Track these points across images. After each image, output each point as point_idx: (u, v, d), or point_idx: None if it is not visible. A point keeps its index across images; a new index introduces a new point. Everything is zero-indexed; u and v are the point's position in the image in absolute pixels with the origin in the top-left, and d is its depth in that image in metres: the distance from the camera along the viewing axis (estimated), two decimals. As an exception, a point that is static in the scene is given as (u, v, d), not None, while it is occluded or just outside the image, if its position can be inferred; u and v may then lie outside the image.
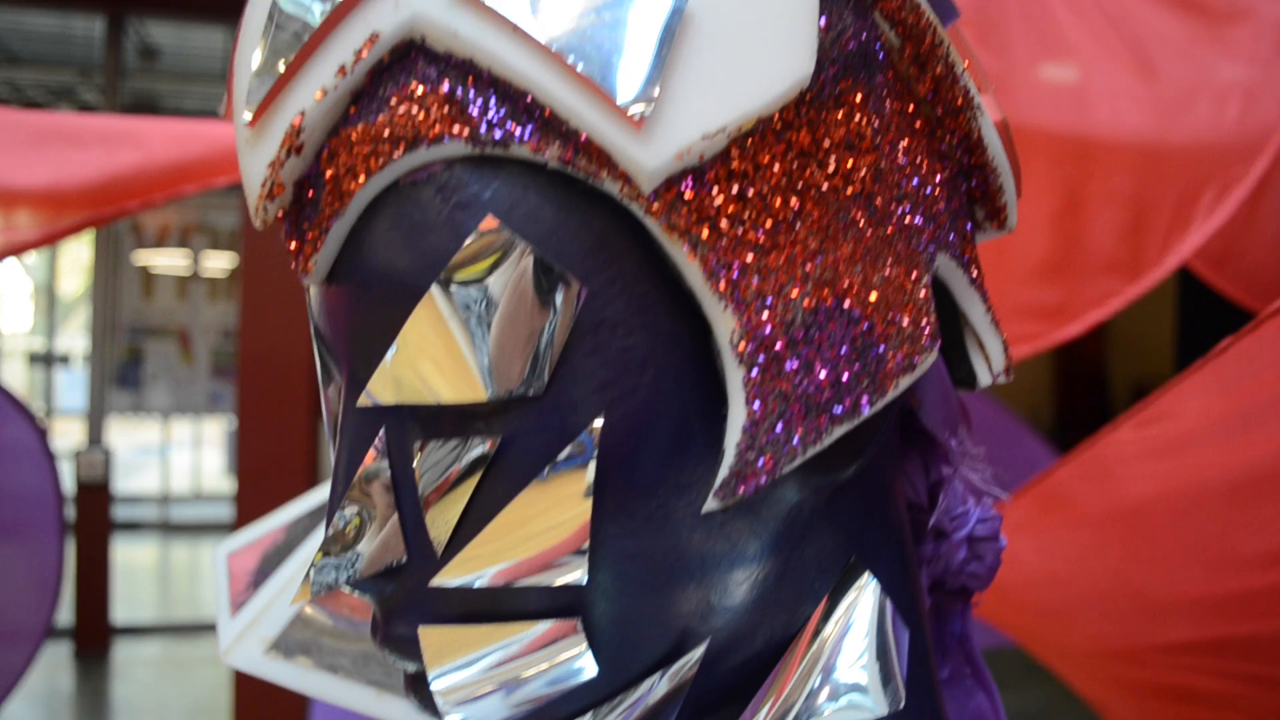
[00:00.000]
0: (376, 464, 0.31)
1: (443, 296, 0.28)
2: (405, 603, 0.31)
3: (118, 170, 1.11)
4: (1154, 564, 0.96)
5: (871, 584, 0.33)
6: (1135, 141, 1.37)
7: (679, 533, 0.29)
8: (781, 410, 0.28)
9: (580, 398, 0.28)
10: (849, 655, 0.33)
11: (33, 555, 2.01)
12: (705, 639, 0.31)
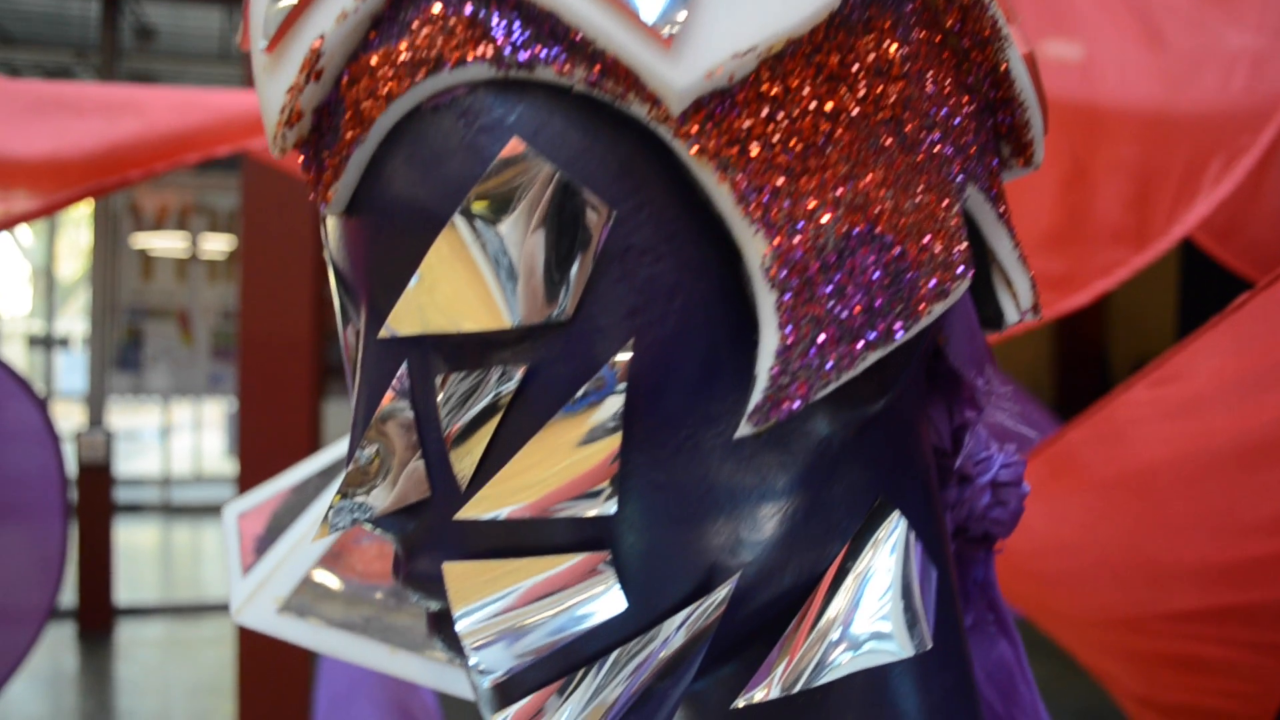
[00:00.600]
0: (398, 399, 0.30)
1: (466, 223, 0.27)
2: (429, 539, 0.30)
3: (119, 139, 1.10)
4: (1162, 530, 0.95)
5: (900, 523, 0.33)
6: (1142, 110, 1.36)
7: (708, 464, 0.29)
8: (814, 335, 0.27)
9: (608, 325, 0.27)
10: (876, 595, 0.32)
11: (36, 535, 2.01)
12: (734, 574, 0.30)
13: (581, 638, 0.29)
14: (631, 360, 0.27)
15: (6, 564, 1.98)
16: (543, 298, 0.27)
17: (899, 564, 0.33)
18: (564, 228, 0.27)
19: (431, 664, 0.51)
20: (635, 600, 0.29)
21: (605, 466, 0.28)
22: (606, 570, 0.29)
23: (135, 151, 1.11)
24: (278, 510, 0.58)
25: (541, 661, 0.30)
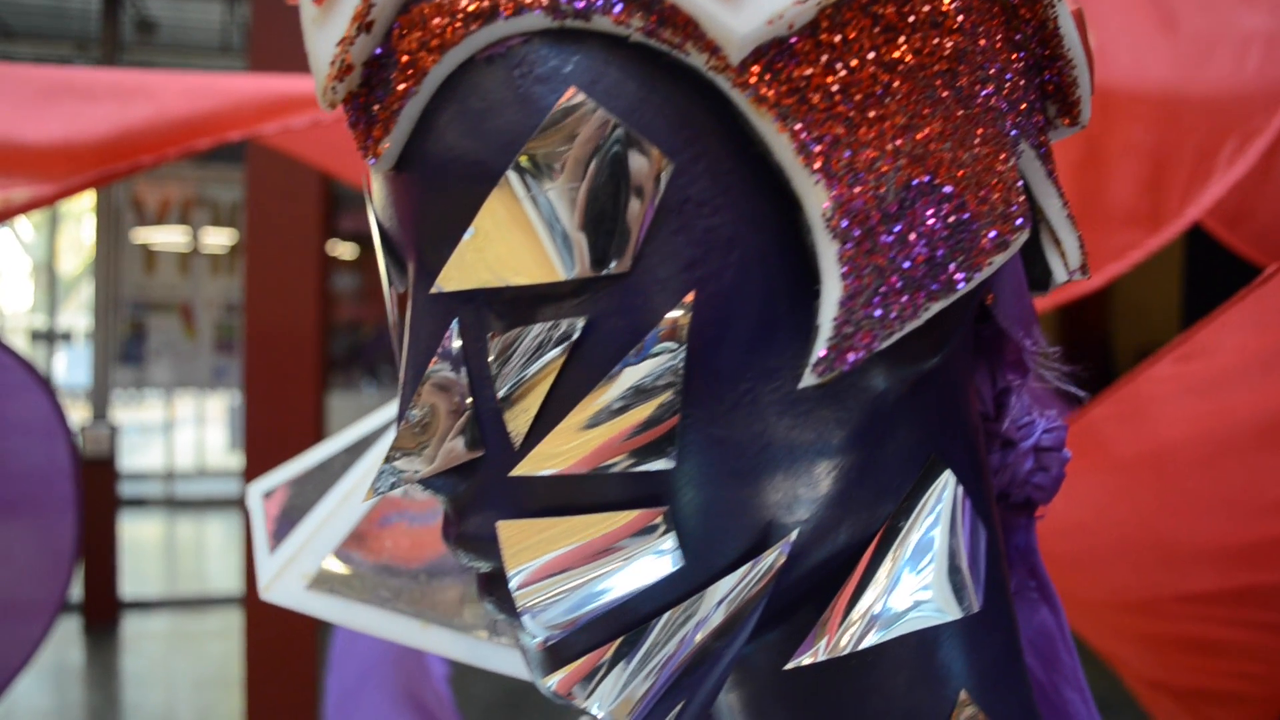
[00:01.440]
0: (448, 357, 0.30)
1: (521, 174, 0.27)
2: (481, 498, 0.30)
3: (131, 125, 1.10)
4: (1180, 510, 0.95)
5: (951, 483, 0.32)
6: (1155, 92, 1.35)
7: (766, 419, 0.29)
8: (877, 285, 0.27)
9: (667, 277, 0.27)
10: (927, 556, 0.32)
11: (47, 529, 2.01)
12: (790, 532, 0.30)
13: (637, 597, 0.29)
14: (690, 313, 0.27)
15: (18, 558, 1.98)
16: (600, 250, 0.27)
17: (950, 524, 0.33)
18: (622, 179, 0.27)
19: (464, 638, 0.51)
20: (691, 558, 0.29)
21: (663, 420, 0.27)
22: (663, 526, 0.28)
23: (147, 137, 1.10)
24: (303, 488, 0.58)
25: (595, 622, 0.30)
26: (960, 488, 0.33)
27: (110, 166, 1.10)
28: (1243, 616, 1.12)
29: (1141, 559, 1.07)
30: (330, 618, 0.53)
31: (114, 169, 1.11)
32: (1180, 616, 1.17)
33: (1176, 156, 1.32)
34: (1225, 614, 1.13)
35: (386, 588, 0.52)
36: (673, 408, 0.27)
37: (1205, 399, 0.78)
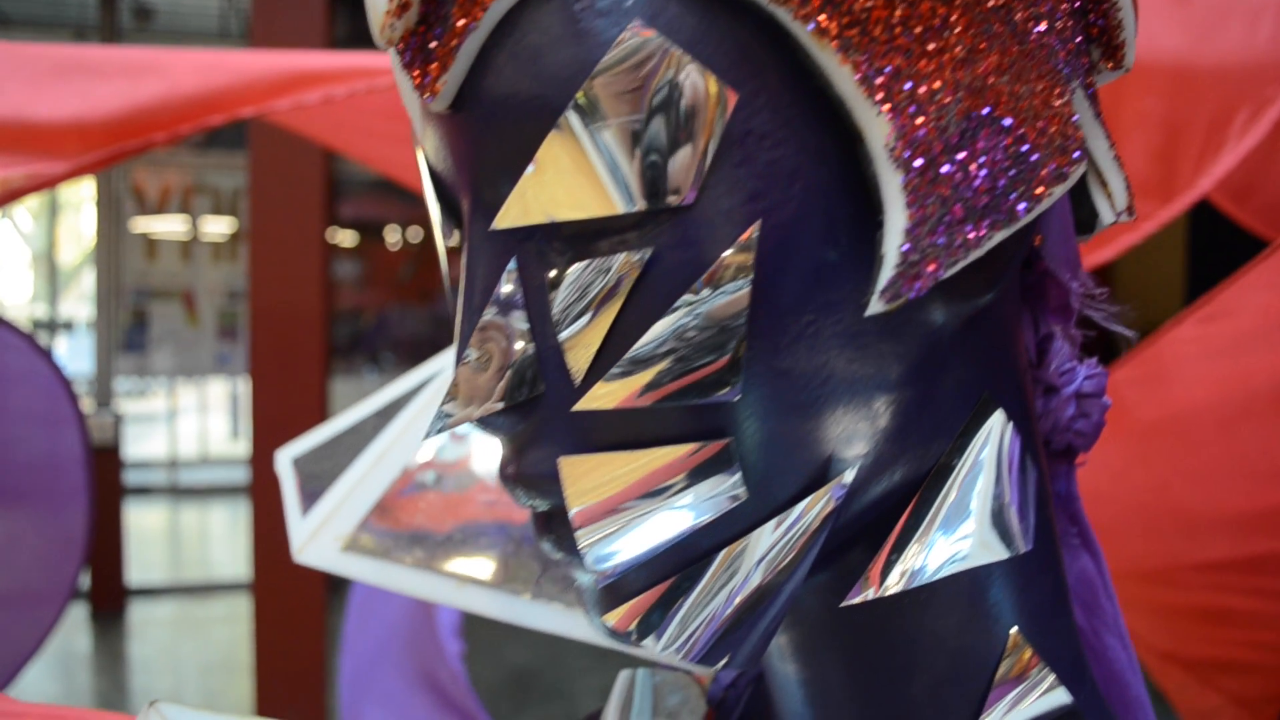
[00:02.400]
0: (508, 294, 0.30)
1: (582, 109, 0.27)
2: (541, 436, 0.30)
3: (142, 102, 1.09)
4: (1197, 476, 0.95)
5: (1003, 422, 0.33)
6: (1167, 62, 1.35)
7: (827, 352, 0.29)
8: (941, 214, 0.27)
9: (730, 209, 0.27)
10: (979, 495, 0.32)
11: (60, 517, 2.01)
12: (849, 468, 0.30)
13: (698, 532, 0.29)
14: (755, 244, 0.27)
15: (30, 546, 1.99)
16: (663, 183, 0.27)
17: (1002, 464, 0.33)
18: (685, 111, 0.27)
19: (501, 596, 0.51)
20: (753, 492, 0.29)
21: (728, 353, 0.28)
22: (727, 459, 0.28)
23: (159, 114, 1.10)
24: (334, 452, 0.58)
25: (655, 558, 0.30)
26: (1012, 427, 0.33)
27: (122, 144, 1.10)
28: (1256, 585, 1.12)
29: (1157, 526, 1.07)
30: (365, 579, 0.53)
31: (126, 147, 1.10)
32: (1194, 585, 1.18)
33: (1189, 127, 1.32)
34: (1239, 582, 1.13)
35: (422, 548, 0.53)
36: (738, 339, 0.27)
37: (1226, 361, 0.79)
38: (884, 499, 0.32)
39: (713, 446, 0.28)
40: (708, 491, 0.29)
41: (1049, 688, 0.34)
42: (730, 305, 0.27)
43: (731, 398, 0.28)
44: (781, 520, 0.30)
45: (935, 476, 0.32)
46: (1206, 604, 1.22)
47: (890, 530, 0.32)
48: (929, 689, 0.34)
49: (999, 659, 0.34)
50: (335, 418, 0.61)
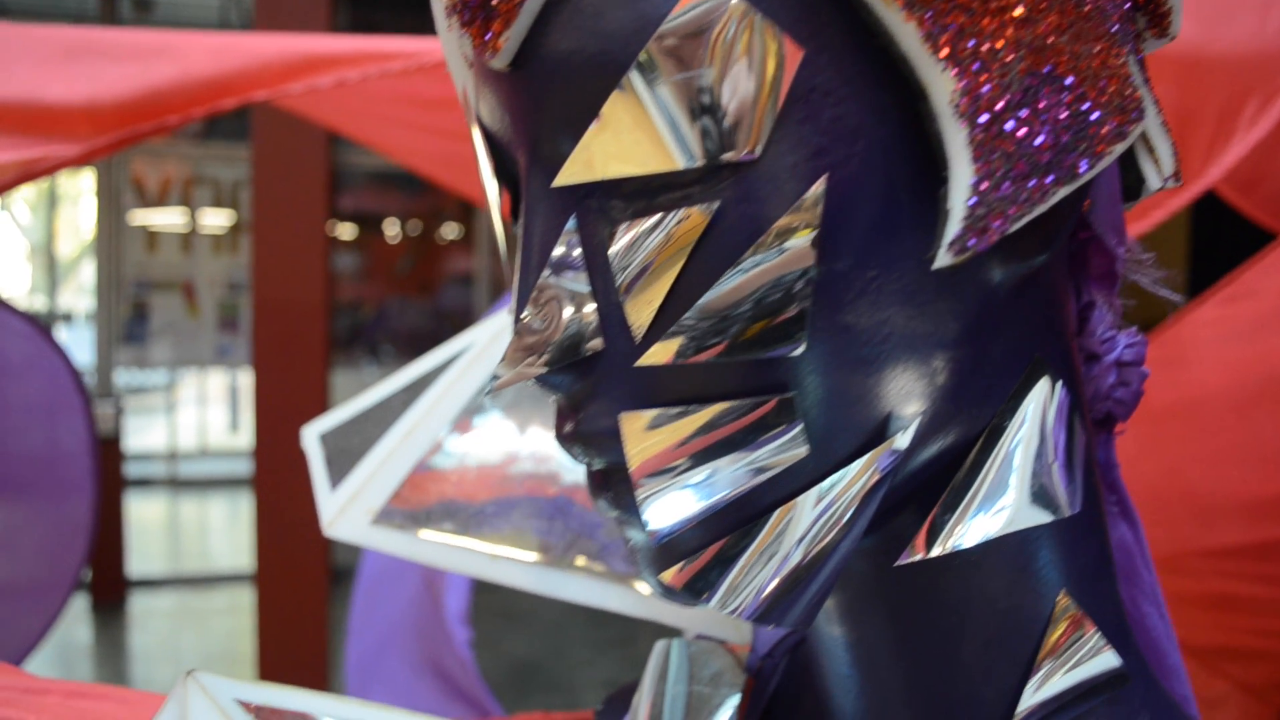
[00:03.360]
0: (567, 252, 0.30)
1: (646, 65, 0.27)
2: (601, 392, 0.30)
3: (155, 84, 1.09)
4: (1209, 461, 0.96)
5: (1054, 385, 0.33)
6: (1177, 51, 1.35)
7: (888, 308, 0.29)
8: (1006, 169, 0.27)
9: (795, 164, 0.27)
10: (1030, 457, 0.32)
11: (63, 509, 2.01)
12: (906, 425, 0.30)
13: (757, 489, 0.29)
14: (821, 199, 0.27)
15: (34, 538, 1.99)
16: (728, 138, 0.27)
17: (1051, 426, 0.33)
18: (752, 66, 0.27)
19: (535, 568, 0.51)
20: (813, 447, 0.29)
21: (793, 307, 0.28)
22: (789, 413, 0.29)
23: (172, 97, 1.09)
24: (361, 427, 0.58)
25: (713, 515, 0.30)
26: (1063, 389, 0.33)
27: (134, 127, 1.10)
28: (1265, 571, 1.12)
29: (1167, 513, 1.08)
30: (396, 552, 0.53)
31: (138, 130, 1.10)
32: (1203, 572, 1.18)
33: (1199, 116, 1.32)
34: (1248, 569, 1.13)
35: (454, 521, 0.53)
36: (803, 293, 0.28)
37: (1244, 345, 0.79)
38: (935, 461, 0.32)
39: (775, 401, 0.29)
40: (768, 447, 0.29)
41: (1098, 650, 0.34)
42: (795, 261, 0.27)
43: (795, 352, 0.28)
44: (840, 477, 0.30)
45: (987, 438, 0.32)
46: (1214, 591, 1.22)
47: (940, 493, 0.32)
48: (977, 651, 0.34)
49: (1047, 621, 0.34)
50: (361, 394, 0.61)
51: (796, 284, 0.28)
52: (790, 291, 0.28)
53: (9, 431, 1.91)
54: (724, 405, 0.29)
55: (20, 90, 1.08)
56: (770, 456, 0.29)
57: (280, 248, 3.03)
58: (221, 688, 0.44)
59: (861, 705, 0.37)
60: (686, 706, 0.43)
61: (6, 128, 1.08)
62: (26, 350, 1.77)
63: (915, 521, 0.33)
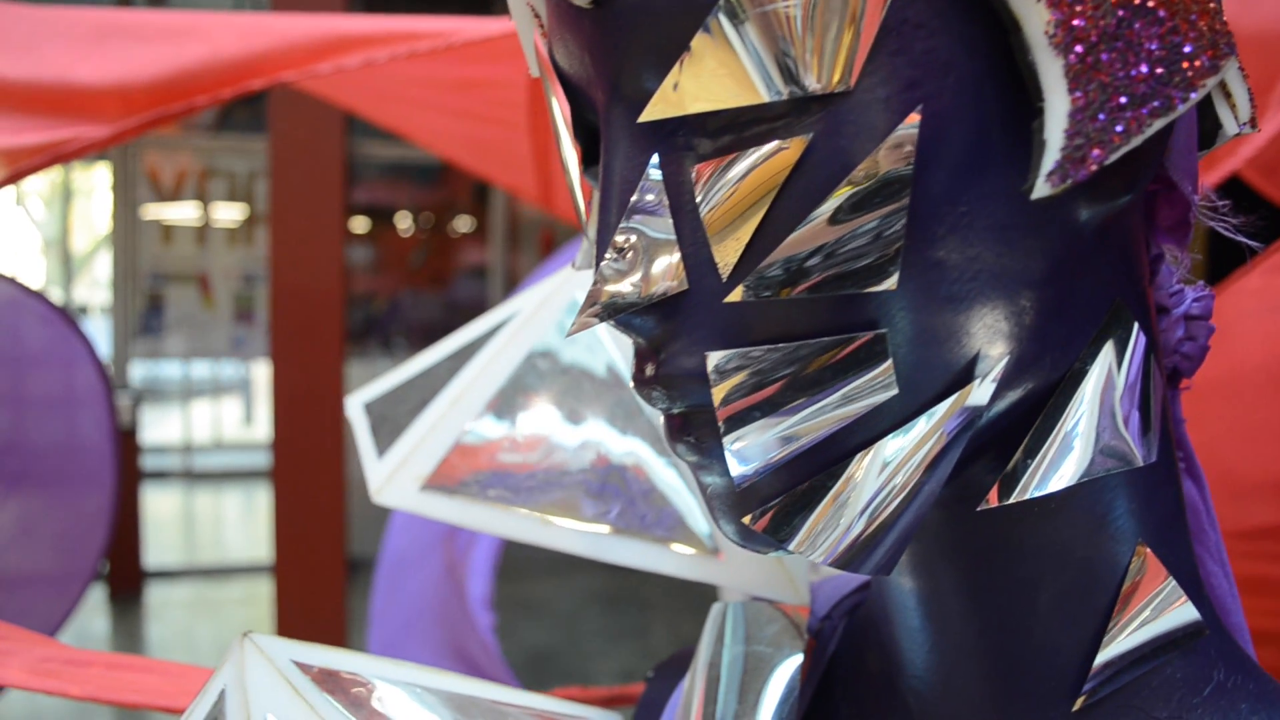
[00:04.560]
0: (651, 190, 0.30)
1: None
2: (685, 333, 0.30)
3: (184, 65, 1.09)
4: (1246, 439, 0.95)
5: (1135, 329, 0.32)
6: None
7: (979, 244, 0.29)
8: (1102, 100, 0.27)
9: (888, 96, 0.27)
10: (1111, 402, 0.32)
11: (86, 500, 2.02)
12: (993, 366, 0.30)
13: (842, 431, 0.29)
14: (915, 132, 0.27)
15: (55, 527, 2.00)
16: (820, 71, 0.27)
17: (1132, 373, 0.32)
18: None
19: (587, 533, 0.51)
20: (901, 387, 0.29)
21: (885, 242, 0.27)
22: (880, 351, 0.28)
23: (201, 78, 1.09)
24: (407, 395, 0.58)
25: (798, 458, 0.30)
26: (1142, 336, 0.33)
27: (164, 108, 1.10)
28: (1295, 554, 1.11)
29: (1208, 493, 1.07)
30: (446, 518, 0.53)
31: (167, 110, 1.10)
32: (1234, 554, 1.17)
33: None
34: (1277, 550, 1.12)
35: (504, 486, 0.53)
36: (896, 228, 0.27)
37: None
38: (1015, 407, 0.32)
39: (866, 337, 0.28)
40: (857, 386, 0.28)
41: (1176, 603, 0.34)
42: (888, 195, 0.27)
43: (888, 288, 0.28)
44: (926, 419, 0.29)
45: (1068, 383, 0.32)
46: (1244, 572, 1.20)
47: (1016, 440, 0.32)
48: (1053, 601, 0.34)
49: (1124, 572, 0.34)
50: (405, 363, 0.61)
51: (889, 219, 0.27)
52: (882, 226, 0.27)
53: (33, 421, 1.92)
54: (813, 343, 0.28)
55: (50, 72, 1.09)
56: (858, 396, 0.29)
57: (297, 237, 3.04)
58: (278, 649, 0.44)
59: (933, 659, 0.36)
60: (746, 667, 0.42)
61: (37, 109, 1.08)
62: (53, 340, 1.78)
63: (992, 469, 0.33)
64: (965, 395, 0.29)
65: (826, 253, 0.27)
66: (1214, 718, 0.34)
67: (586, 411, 0.55)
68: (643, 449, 0.54)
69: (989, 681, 0.35)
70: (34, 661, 0.63)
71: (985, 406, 0.30)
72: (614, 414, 0.54)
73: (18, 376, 1.89)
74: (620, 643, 4.15)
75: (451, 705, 0.46)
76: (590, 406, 0.55)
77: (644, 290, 0.30)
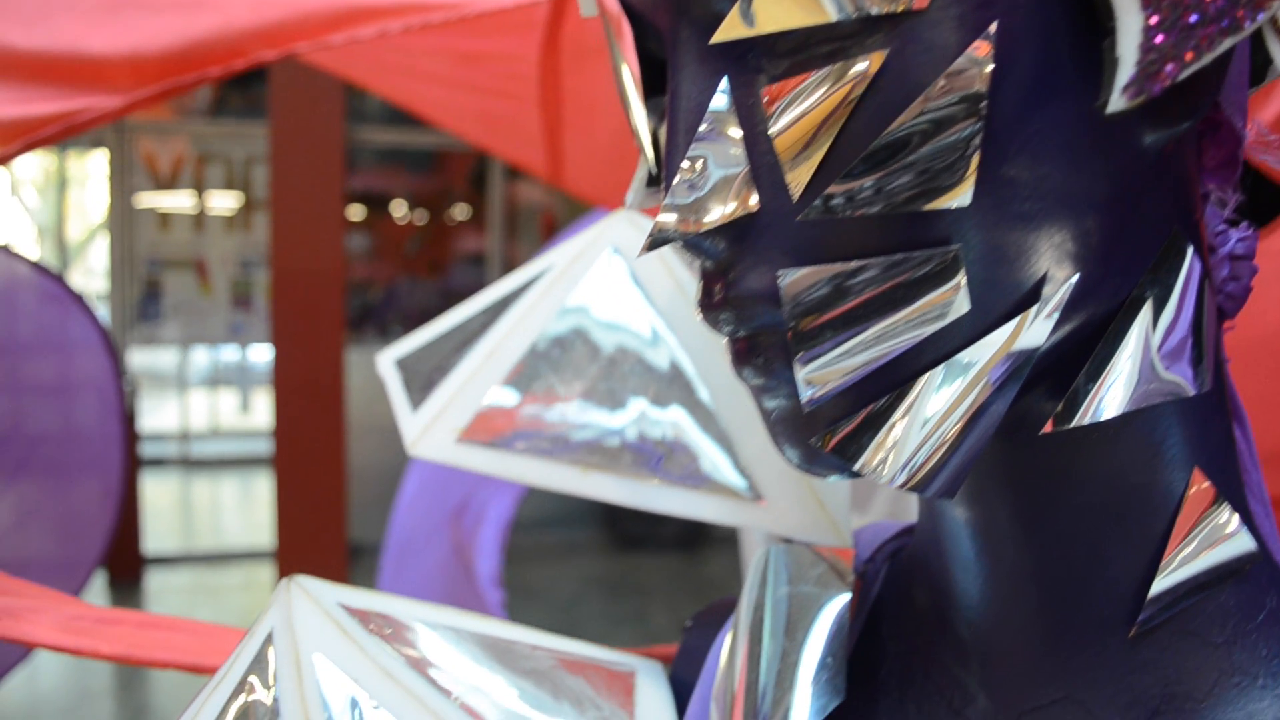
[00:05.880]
0: (720, 113, 0.30)
1: None
2: (756, 253, 0.30)
3: (196, 36, 1.08)
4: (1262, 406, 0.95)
5: (1192, 256, 0.33)
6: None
7: (1050, 162, 0.29)
8: (1174, 18, 0.27)
9: (962, 14, 0.27)
10: (1168, 329, 0.32)
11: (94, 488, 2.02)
12: (1060, 286, 0.30)
13: (912, 350, 0.29)
14: (991, 48, 0.27)
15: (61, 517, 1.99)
16: None
17: (1189, 301, 0.33)
18: None
19: (627, 481, 0.51)
20: (974, 304, 0.29)
21: (960, 158, 0.27)
22: (955, 267, 0.28)
23: (214, 48, 1.09)
24: (439, 351, 0.58)
25: (868, 377, 0.30)
26: (1198, 265, 0.33)
27: (176, 79, 1.10)
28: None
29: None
30: (484, 469, 0.53)
31: (181, 81, 1.10)
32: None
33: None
34: None
35: (542, 437, 0.53)
36: (970, 145, 0.27)
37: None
38: (1076, 333, 0.32)
39: (940, 254, 0.28)
40: (930, 303, 0.29)
41: (1233, 531, 0.34)
42: (961, 112, 0.27)
43: (963, 204, 0.28)
44: (994, 339, 0.30)
45: (1127, 310, 0.32)
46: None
47: (1074, 367, 0.32)
48: (1109, 529, 0.34)
49: (1180, 499, 0.34)
50: (436, 320, 0.61)
51: (963, 135, 0.27)
52: (957, 143, 0.27)
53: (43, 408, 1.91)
54: (886, 259, 0.28)
55: (62, 42, 1.08)
56: (930, 314, 0.29)
57: (298, 222, 3.03)
58: (325, 592, 0.45)
59: (988, 591, 0.37)
60: (792, 606, 0.43)
61: (49, 79, 1.08)
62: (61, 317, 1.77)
63: (1049, 396, 0.33)
64: (1032, 315, 0.30)
65: (900, 170, 0.28)
66: (1269, 643, 0.34)
67: (623, 364, 0.55)
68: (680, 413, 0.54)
69: (1044, 611, 0.35)
70: (65, 620, 0.63)
71: (1052, 327, 0.30)
72: (651, 366, 0.54)
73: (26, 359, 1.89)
74: (620, 628, 4.16)
75: (489, 648, 0.47)
76: (628, 360, 0.55)
77: (714, 213, 0.30)
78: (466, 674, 0.44)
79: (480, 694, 0.43)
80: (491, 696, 0.44)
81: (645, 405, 0.54)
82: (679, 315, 0.54)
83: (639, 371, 0.54)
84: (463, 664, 0.45)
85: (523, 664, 0.46)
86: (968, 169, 0.28)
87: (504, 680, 0.45)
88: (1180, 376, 0.32)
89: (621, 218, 0.57)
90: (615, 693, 0.47)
